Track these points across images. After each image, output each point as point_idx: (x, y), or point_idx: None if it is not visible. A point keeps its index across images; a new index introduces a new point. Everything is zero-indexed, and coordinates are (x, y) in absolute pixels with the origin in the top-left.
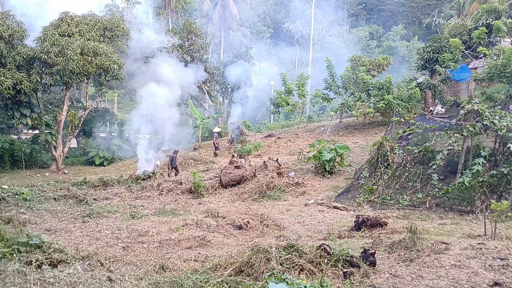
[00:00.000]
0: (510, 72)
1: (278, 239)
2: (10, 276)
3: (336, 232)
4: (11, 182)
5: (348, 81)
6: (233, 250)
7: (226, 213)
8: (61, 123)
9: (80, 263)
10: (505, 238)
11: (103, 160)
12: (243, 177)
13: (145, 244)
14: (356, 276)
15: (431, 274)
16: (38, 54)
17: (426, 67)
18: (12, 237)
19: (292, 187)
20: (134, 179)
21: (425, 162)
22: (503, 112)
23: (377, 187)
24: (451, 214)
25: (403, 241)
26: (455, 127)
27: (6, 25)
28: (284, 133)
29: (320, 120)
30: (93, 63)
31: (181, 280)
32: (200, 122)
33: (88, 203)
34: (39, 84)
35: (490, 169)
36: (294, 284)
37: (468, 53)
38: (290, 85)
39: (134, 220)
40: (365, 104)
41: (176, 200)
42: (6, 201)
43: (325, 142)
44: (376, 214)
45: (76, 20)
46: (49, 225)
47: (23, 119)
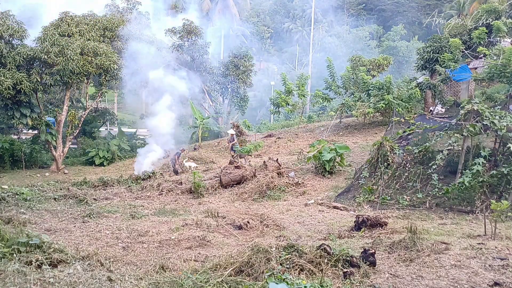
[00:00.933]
0: (510, 72)
1: (278, 239)
2: (10, 276)
3: (336, 232)
4: (11, 182)
5: (348, 81)
6: (233, 250)
7: (226, 213)
8: (61, 123)
9: (80, 263)
10: (505, 238)
11: (103, 160)
12: (243, 177)
13: (145, 244)
14: (356, 276)
15: (431, 274)
16: (38, 54)
17: (426, 67)
18: (12, 237)
19: (292, 187)
20: (134, 178)
21: (425, 162)
22: (503, 112)
23: (377, 187)
24: (451, 214)
25: (403, 241)
26: (455, 127)
27: (6, 25)
28: (284, 133)
29: (320, 120)
30: (93, 63)
31: (181, 280)
32: (200, 122)
33: (88, 203)
34: (39, 84)
35: (490, 169)
36: (294, 284)
37: (468, 53)
38: (290, 85)
39: (134, 220)
40: (365, 104)
41: (176, 200)
42: (6, 201)
43: (325, 142)
44: (376, 214)
45: (76, 20)
46: (49, 225)
47: (23, 119)
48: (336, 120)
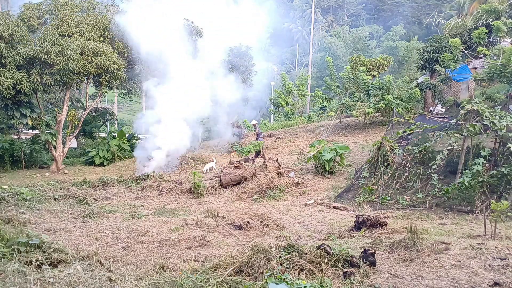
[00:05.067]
0: (510, 72)
1: (278, 239)
2: (10, 276)
3: (336, 232)
4: (11, 182)
5: (348, 81)
6: (233, 250)
7: (226, 213)
8: (61, 123)
9: (80, 263)
10: (505, 238)
11: (103, 160)
12: (243, 177)
13: (145, 244)
14: (356, 276)
15: (431, 274)
16: (38, 54)
17: (426, 67)
18: (12, 237)
19: (292, 187)
20: (134, 179)
21: (425, 162)
22: (503, 112)
23: (377, 187)
24: (451, 214)
25: (403, 241)
26: (455, 127)
27: (6, 25)
28: (284, 133)
29: (320, 120)
30: (93, 63)
31: (181, 280)
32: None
33: (88, 203)
34: (39, 84)
35: (490, 169)
36: (294, 284)
37: (468, 53)
38: (290, 85)
39: (134, 220)
40: (365, 104)
41: (176, 200)
42: (6, 201)
43: (325, 142)
44: (376, 214)
45: (76, 20)
46: (49, 225)
47: (23, 119)
48: (336, 120)
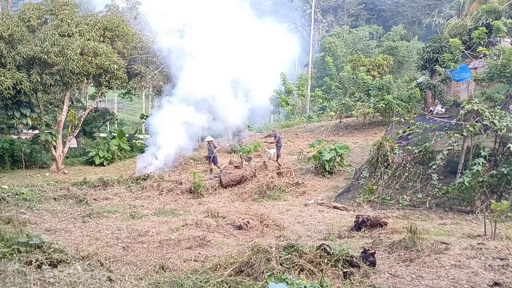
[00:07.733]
0: (510, 72)
1: (278, 239)
2: (10, 276)
3: (336, 232)
4: (11, 182)
5: (348, 81)
6: (233, 250)
7: (226, 213)
8: (61, 123)
9: (80, 263)
10: (505, 238)
11: (103, 160)
12: (243, 177)
13: (145, 244)
14: (356, 276)
15: (431, 274)
16: (38, 54)
17: (426, 67)
18: (12, 237)
19: (292, 187)
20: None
21: (425, 162)
22: (503, 112)
23: (377, 187)
24: (451, 214)
25: (403, 241)
26: (455, 127)
27: (6, 25)
28: (284, 133)
29: (320, 120)
30: (93, 63)
31: (181, 280)
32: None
33: (88, 203)
34: (39, 84)
35: (490, 169)
36: (294, 284)
37: (468, 53)
38: (290, 85)
39: (134, 220)
40: (365, 104)
41: (176, 200)
42: (6, 201)
43: (325, 142)
44: (376, 214)
45: (76, 20)
46: (49, 225)
47: (23, 119)
48: (336, 120)
